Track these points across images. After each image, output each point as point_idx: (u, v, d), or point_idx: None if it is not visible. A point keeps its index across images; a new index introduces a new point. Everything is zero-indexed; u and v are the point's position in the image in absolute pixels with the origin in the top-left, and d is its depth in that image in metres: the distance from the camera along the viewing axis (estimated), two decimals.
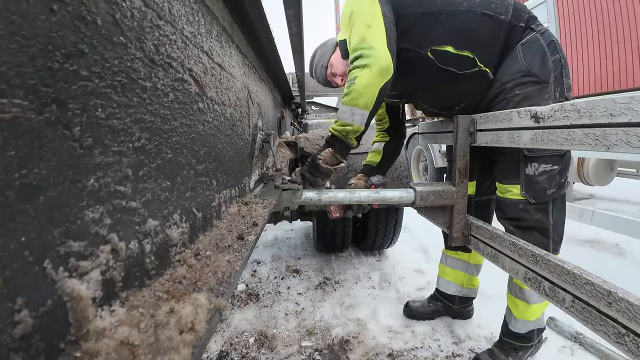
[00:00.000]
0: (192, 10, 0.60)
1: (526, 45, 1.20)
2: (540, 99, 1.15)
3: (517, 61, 1.19)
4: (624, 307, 0.65)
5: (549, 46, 1.19)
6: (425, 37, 1.24)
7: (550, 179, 1.16)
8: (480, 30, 1.21)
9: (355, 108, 1.14)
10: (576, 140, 0.78)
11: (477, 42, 1.22)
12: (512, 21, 1.21)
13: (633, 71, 6.26)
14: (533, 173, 1.17)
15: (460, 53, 1.22)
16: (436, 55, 1.23)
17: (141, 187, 0.42)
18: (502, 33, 1.21)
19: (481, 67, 1.23)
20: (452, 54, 1.22)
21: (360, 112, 1.15)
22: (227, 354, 1.52)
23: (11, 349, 0.24)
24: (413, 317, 1.75)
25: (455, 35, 1.22)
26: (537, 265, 0.89)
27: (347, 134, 1.18)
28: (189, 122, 0.57)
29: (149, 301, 0.40)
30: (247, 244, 0.63)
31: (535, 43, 1.19)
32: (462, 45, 1.21)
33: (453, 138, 1.24)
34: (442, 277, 1.72)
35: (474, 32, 1.21)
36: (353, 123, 1.16)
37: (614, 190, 4.15)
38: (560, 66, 1.19)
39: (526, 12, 1.25)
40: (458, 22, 1.22)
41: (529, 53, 1.19)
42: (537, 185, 1.17)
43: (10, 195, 0.24)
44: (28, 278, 0.26)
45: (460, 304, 1.70)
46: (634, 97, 0.64)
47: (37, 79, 0.27)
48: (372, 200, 1.29)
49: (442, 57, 1.23)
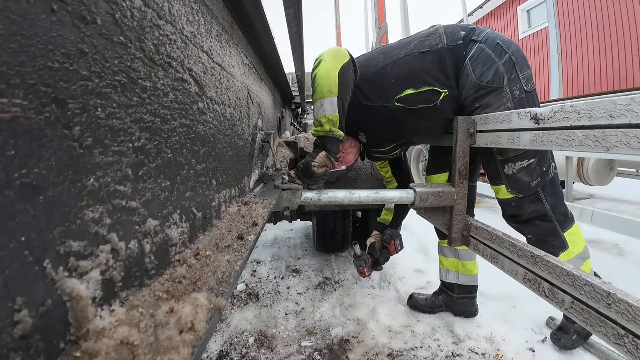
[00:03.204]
0: (192, 10, 0.60)
1: (473, 58, 1.24)
2: (499, 104, 1.21)
3: (469, 77, 1.24)
4: (623, 308, 0.65)
5: (495, 51, 1.22)
6: (386, 92, 1.31)
7: (530, 172, 1.20)
8: (426, 66, 1.27)
9: (322, 99, 1.18)
10: (576, 142, 0.78)
11: (428, 75, 1.27)
12: (450, 44, 1.26)
13: (633, 71, 6.26)
14: (512, 172, 1.22)
15: (420, 91, 1.27)
16: (403, 102, 1.30)
17: (141, 187, 0.42)
18: (446, 58, 1.26)
19: (446, 93, 1.27)
20: (415, 94, 1.28)
21: (328, 100, 1.18)
22: (227, 354, 1.52)
23: (11, 349, 0.24)
24: (416, 309, 1.81)
25: (407, 79, 1.28)
26: (536, 266, 0.89)
27: (329, 129, 1.19)
28: (189, 122, 0.57)
29: (149, 301, 0.40)
30: (247, 244, 0.63)
31: (482, 54, 1.23)
32: (418, 84, 1.27)
33: (453, 139, 1.24)
34: (442, 267, 1.80)
35: (421, 69, 1.27)
36: (325, 113, 1.18)
37: (614, 190, 4.15)
38: (513, 64, 1.21)
39: (459, 29, 1.30)
40: (404, 68, 1.29)
41: (478, 65, 1.23)
42: (520, 182, 1.21)
43: (10, 195, 0.24)
44: (28, 278, 0.26)
45: (460, 293, 1.73)
46: (634, 99, 0.64)
47: (37, 79, 0.27)
48: (372, 201, 1.29)
49: (408, 101, 1.30)
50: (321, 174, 1.23)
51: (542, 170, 1.21)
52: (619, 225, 2.24)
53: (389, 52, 1.36)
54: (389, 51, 1.37)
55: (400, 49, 1.34)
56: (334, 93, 1.16)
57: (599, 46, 7.03)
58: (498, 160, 1.23)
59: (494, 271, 1.28)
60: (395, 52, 1.33)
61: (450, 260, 1.74)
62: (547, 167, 1.23)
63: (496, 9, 10.47)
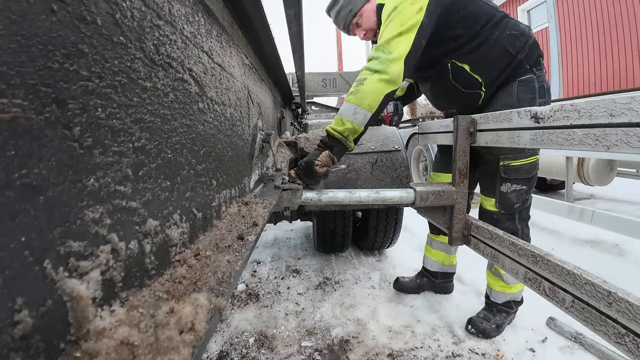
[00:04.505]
0: (192, 10, 0.60)
1: (523, 83, 1.33)
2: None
3: (511, 96, 1.34)
4: (623, 307, 0.65)
5: (539, 90, 1.33)
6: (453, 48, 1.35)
7: (519, 196, 1.41)
8: (497, 62, 1.34)
9: (359, 107, 1.17)
10: (576, 141, 0.78)
11: (490, 70, 1.35)
12: (523, 60, 1.33)
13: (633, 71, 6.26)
14: (506, 191, 1.41)
15: (473, 75, 1.35)
16: (453, 68, 1.37)
17: (141, 187, 0.42)
18: (511, 67, 1.34)
19: (483, 91, 1.37)
20: (467, 73, 1.36)
21: (363, 112, 1.18)
22: (227, 354, 1.52)
23: (11, 349, 0.24)
24: (402, 291, 1.97)
25: (475, 59, 1.34)
26: (537, 265, 0.89)
27: (347, 136, 1.19)
28: (189, 122, 0.57)
29: (149, 301, 0.40)
30: (247, 244, 0.63)
31: (529, 85, 1.33)
32: (477, 69, 1.35)
33: (453, 138, 1.24)
34: (427, 255, 1.96)
35: (491, 62, 1.34)
36: (354, 122, 1.18)
37: (614, 190, 4.15)
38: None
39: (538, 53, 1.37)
40: (483, 48, 1.33)
41: (522, 92, 1.32)
42: (508, 201, 1.42)
43: (10, 195, 0.24)
44: (28, 278, 0.26)
45: (441, 279, 1.94)
46: (634, 98, 0.64)
47: (37, 79, 0.27)
48: (372, 201, 1.29)
49: (457, 73, 1.37)
50: (322, 173, 1.23)
51: (526, 198, 1.43)
52: (619, 225, 2.24)
53: (493, 18, 1.33)
54: (495, 17, 1.33)
55: (494, 25, 1.32)
56: (372, 110, 1.18)
57: (599, 46, 7.03)
58: (501, 176, 1.39)
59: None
60: (499, 24, 1.32)
61: (439, 254, 1.89)
62: (529, 196, 1.45)
63: None
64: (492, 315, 1.59)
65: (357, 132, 1.19)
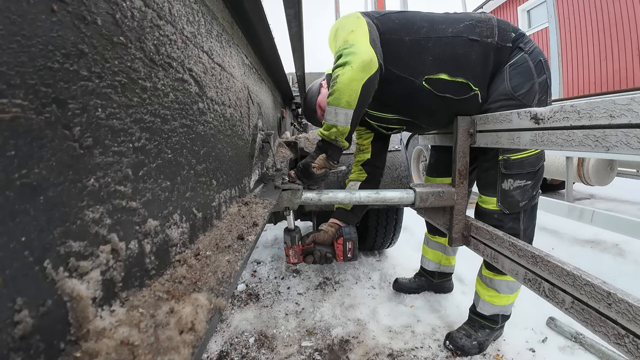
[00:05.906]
0: (192, 10, 0.60)
1: (514, 66, 1.20)
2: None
3: (503, 83, 1.21)
4: (623, 308, 0.65)
5: (536, 67, 1.20)
6: (418, 66, 1.23)
7: (523, 193, 1.24)
8: (470, 56, 1.21)
9: (337, 107, 1.12)
10: (576, 142, 0.78)
11: (469, 67, 1.22)
12: (499, 42, 1.21)
13: (633, 71, 6.26)
14: (508, 188, 1.25)
15: (454, 80, 1.22)
16: (431, 84, 1.23)
17: (141, 187, 0.42)
18: (490, 56, 1.22)
19: (476, 91, 1.24)
20: (447, 81, 1.22)
21: (343, 112, 1.12)
22: (227, 354, 1.52)
23: (11, 349, 0.24)
24: (401, 291, 1.96)
25: (446, 62, 1.22)
26: (536, 266, 0.89)
27: (335, 138, 1.17)
28: (189, 122, 0.57)
29: (149, 301, 0.40)
30: (247, 244, 0.63)
31: (523, 65, 1.20)
32: (455, 72, 1.22)
33: (453, 139, 1.24)
34: (424, 255, 1.94)
35: (464, 58, 1.21)
36: (337, 123, 1.14)
37: (614, 190, 4.15)
38: (546, 87, 1.21)
39: (511, 29, 1.25)
40: (447, 48, 1.21)
41: (516, 75, 1.20)
42: (512, 199, 1.25)
43: (10, 195, 0.24)
44: (28, 278, 0.26)
45: (439, 279, 1.93)
46: (633, 99, 0.64)
47: (37, 79, 0.27)
48: (372, 201, 1.29)
49: (438, 85, 1.24)
50: (320, 175, 1.23)
51: (532, 194, 1.26)
52: (619, 225, 2.24)
53: (435, 24, 1.25)
54: (435, 22, 1.26)
55: (447, 24, 1.24)
56: (352, 106, 1.11)
57: (599, 46, 7.02)
58: (501, 172, 1.24)
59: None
60: (442, 26, 1.24)
61: (435, 253, 1.87)
62: (536, 192, 1.28)
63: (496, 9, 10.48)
64: (473, 331, 1.47)
65: (345, 133, 1.15)
